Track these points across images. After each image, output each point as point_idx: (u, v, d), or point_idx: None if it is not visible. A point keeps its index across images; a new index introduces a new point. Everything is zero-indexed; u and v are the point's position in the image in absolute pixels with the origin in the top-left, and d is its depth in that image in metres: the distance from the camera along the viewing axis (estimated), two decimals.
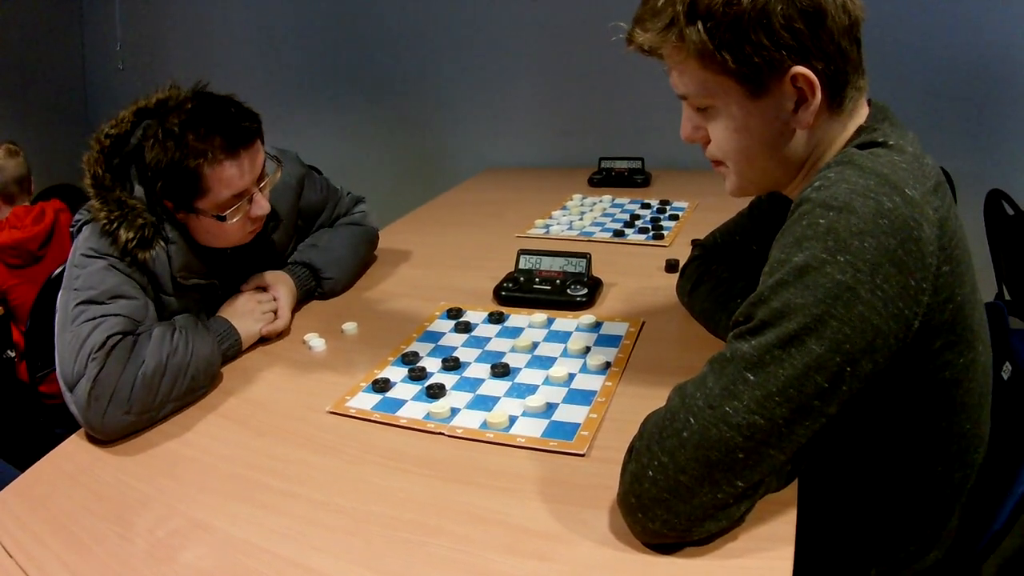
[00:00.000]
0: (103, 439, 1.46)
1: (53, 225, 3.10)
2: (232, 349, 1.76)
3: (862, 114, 1.20)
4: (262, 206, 1.73)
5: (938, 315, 1.03)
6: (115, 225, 1.59)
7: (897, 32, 3.06)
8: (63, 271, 1.65)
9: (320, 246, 2.14)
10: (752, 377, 0.98)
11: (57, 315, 1.57)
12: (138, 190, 1.67)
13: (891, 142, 1.10)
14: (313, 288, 2.10)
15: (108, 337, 1.50)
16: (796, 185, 1.26)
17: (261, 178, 1.74)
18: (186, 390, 1.57)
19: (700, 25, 1.09)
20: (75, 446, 1.50)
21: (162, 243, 1.67)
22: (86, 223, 1.65)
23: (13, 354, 3.12)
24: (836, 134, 1.19)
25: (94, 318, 1.52)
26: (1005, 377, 1.37)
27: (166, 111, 1.65)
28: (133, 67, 4.91)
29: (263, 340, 1.84)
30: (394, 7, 4.03)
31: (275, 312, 1.88)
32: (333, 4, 4.20)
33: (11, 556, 1.18)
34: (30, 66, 4.92)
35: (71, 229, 1.70)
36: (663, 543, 1.05)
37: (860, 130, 1.17)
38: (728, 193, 1.32)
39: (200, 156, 1.60)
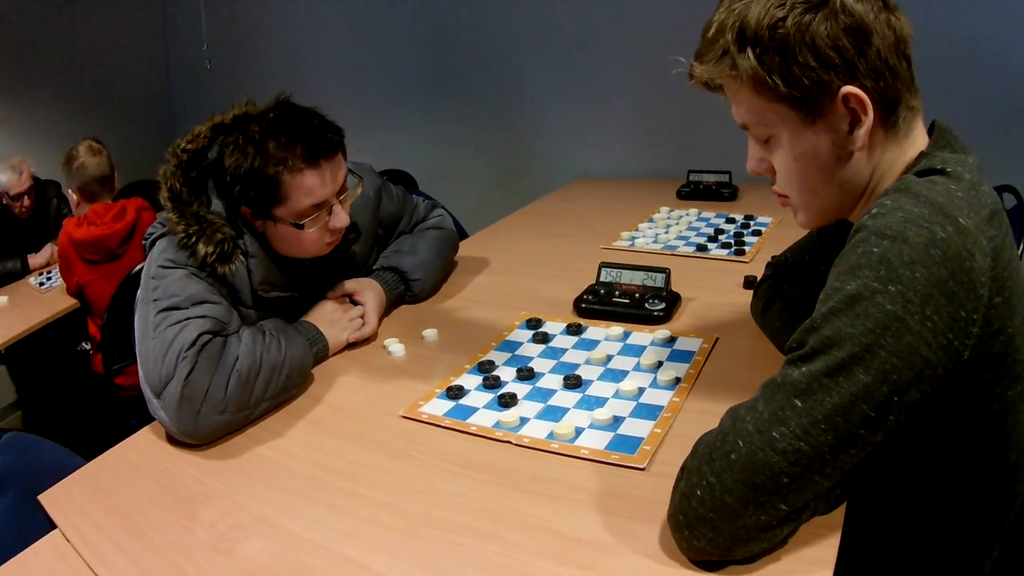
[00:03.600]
0: (196, 443, 1.49)
1: (135, 223, 3.19)
2: (320, 353, 1.80)
3: (921, 139, 1.20)
4: (341, 219, 1.76)
5: (988, 347, 1.03)
6: (194, 239, 1.62)
7: (969, 49, 2.96)
8: (143, 267, 1.69)
9: (404, 251, 2.18)
10: (800, 404, 0.99)
11: (137, 327, 1.59)
12: (216, 204, 1.71)
13: (949, 169, 1.09)
14: (403, 292, 2.13)
15: (199, 335, 1.52)
16: (859, 210, 1.26)
17: (342, 191, 1.77)
18: (281, 389, 1.60)
19: (750, 52, 1.12)
20: (144, 438, 1.56)
21: (241, 257, 1.70)
22: (160, 236, 1.68)
23: (88, 347, 3.25)
24: (894, 158, 1.19)
25: (179, 322, 1.54)
26: None
27: (246, 120, 1.69)
28: (220, 67, 5.05)
29: (347, 344, 1.89)
30: (489, 15, 4.08)
31: (362, 318, 1.92)
32: (425, 8, 4.27)
33: (69, 541, 1.25)
34: (115, 63, 5.10)
35: (144, 242, 1.73)
36: (707, 560, 1.06)
37: (921, 155, 1.17)
38: (799, 226, 1.34)
39: (280, 163, 1.64)
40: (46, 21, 4.71)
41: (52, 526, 1.31)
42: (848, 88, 1.11)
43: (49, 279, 3.56)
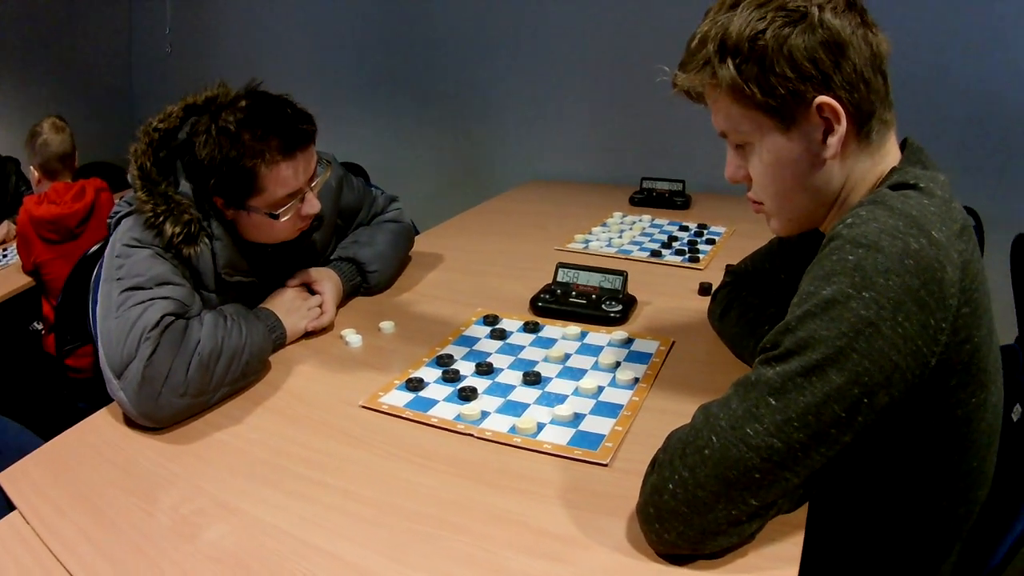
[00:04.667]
0: (154, 426, 1.47)
1: (93, 203, 3.14)
2: (278, 341, 1.80)
3: (894, 153, 1.25)
4: (314, 205, 1.77)
5: (955, 355, 1.07)
6: (161, 219, 1.61)
7: (932, 74, 3.04)
8: (99, 248, 1.65)
9: (362, 242, 2.18)
10: (774, 402, 1.02)
11: (99, 305, 1.58)
12: (184, 185, 1.70)
13: (922, 184, 1.13)
14: (359, 284, 2.13)
15: (162, 317, 1.51)
16: (830, 220, 1.30)
17: (312, 178, 1.77)
18: (240, 374, 1.59)
19: (730, 62, 1.17)
20: (102, 420, 1.54)
21: (207, 240, 1.69)
22: (127, 215, 1.67)
23: (41, 327, 3.19)
24: (866, 169, 1.23)
25: (142, 302, 1.53)
26: (1015, 419, 1.38)
27: (218, 108, 1.68)
28: (180, 52, 4.99)
29: (304, 333, 1.88)
30: (449, 13, 4.07)
31: (320, 307, 1.92)
32: (389, 7, 4.25)
33: (28, 523, 1.23)
34: (75, 43, 5.00)
35: (109, 220, 1.72)
36: (676, 554, 1.08)
37: (893, 171, 1.21)
38: (773, 232, 1.38)
39: (257, 156, 1.63)
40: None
41: (9, 506, 1.28)
42: (822, 98, 1.15)
43: (5, 256, 3.47)
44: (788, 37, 1.13)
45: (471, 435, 1.44)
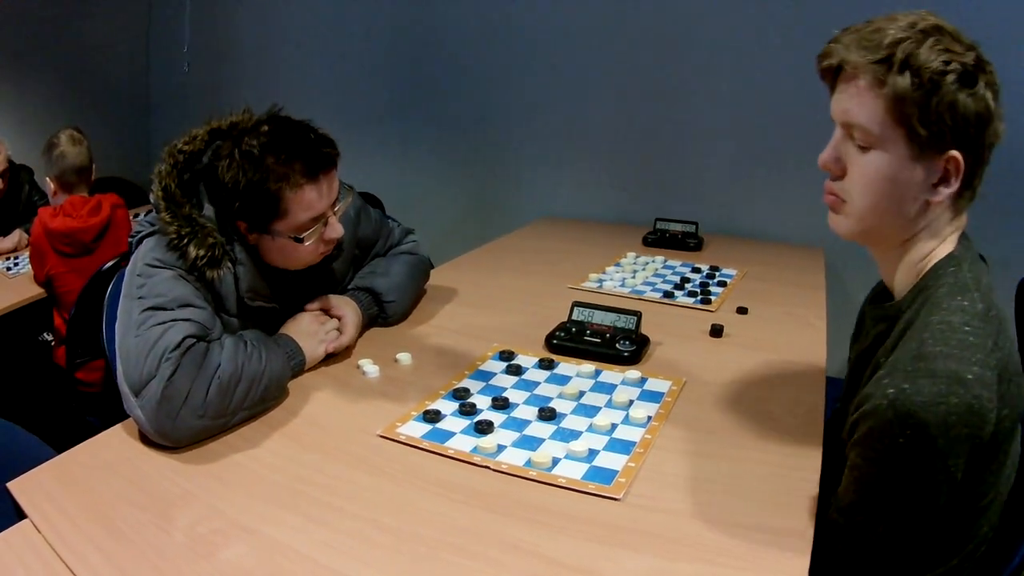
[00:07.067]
0: (171, 445, 1.48)
1: (109, 219, 3.15)
2: (298, 367, 1.81)
3: (958, 225, 1.33)
4: (337, 229, 1.79)
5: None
6: (185, 241, 1.63)
7: None
8: (115, 264, 1.65)
9: (379, 272, 2.20)
10: None
11: (118, 323, 1.59)
12: (208, 208, 1.72)
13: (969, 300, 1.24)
14: (376, 314, 2.15)
15: (184, 338, 1.53)
16: (889, 251, 1.38)
17: (335, 202, 1.80)
18: (259, 399, 1.61)
19: (908, 76, 1.19)
20: (115, 436, 1.56)
21: (229, 264, 1.71)
22: (149, 235, 1.69)
23: (51, 338, 3.19)
24: (942, 227, 1.32)
25: (163, 322, 1.55)
26: None
27: (240, 132, 1.71)
28: (199, 73, 5.04)
29: (323, 359, 1.90)
30: (467, 47, 4.12)
31: (339, 330, 1.94)
32: (409, 39, 4.30)
33: (39, 532, 1.24)
34: (96, 58, 5.04)
35: (130, 240, 1.74)
36: None
37: (950, 258, 1.31)
38: (837, 229, 1.39)
39: (281, 180, 1.66)
40: (33, 10, 4.67)
41: (19, 515, 1.30)
42: (955, 153, 1.22)
43: (16, 264, 3.46)
44: (958, 92, 1.18)
45: (488, 467, 1.46)
